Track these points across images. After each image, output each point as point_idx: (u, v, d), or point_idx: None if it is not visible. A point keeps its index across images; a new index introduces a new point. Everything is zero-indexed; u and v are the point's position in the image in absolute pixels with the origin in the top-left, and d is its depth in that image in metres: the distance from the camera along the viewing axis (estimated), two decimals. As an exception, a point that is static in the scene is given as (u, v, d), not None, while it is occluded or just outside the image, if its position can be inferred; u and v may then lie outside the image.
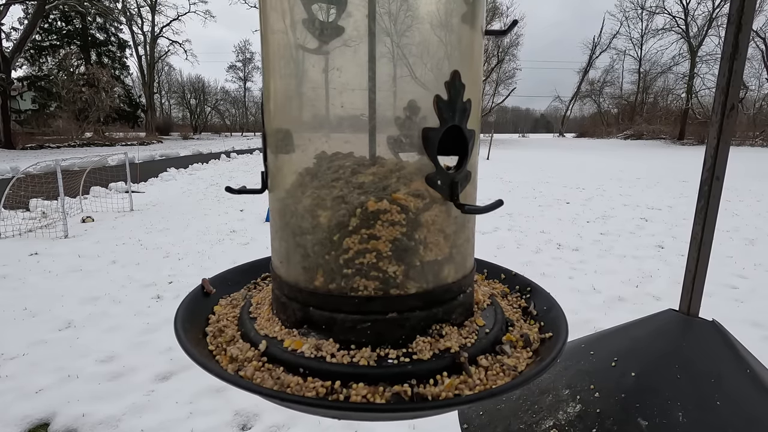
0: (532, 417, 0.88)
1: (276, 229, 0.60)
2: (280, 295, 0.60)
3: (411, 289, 0.55)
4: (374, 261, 0.53)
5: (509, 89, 45.45)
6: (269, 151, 0.60)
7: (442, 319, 0.57)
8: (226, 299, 0.71)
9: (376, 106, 0.51)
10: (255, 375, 0.52)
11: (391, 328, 0.54)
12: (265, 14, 0.56)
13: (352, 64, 0.51)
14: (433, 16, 0.52)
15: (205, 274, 2.40)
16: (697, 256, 0.92)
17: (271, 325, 0.59)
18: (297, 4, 0.52)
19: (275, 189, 0.60)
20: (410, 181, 0.53)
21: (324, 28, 0.51)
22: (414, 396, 0.48)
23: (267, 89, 0.58)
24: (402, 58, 0.51)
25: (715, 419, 0.77)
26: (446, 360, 0.53)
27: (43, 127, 34.88)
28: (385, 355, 0.53)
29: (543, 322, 0.66)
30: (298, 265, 0.57)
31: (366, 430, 2.70)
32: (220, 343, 0.60)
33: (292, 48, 0.54)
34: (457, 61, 0.54)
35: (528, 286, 0.75)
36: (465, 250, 0.60)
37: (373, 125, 0.52)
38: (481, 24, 0.57)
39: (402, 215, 0.53)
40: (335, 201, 0.53)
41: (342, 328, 0.54)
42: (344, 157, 0.54)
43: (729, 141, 0.85)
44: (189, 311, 0.64)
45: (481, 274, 0.81)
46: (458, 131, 0.54)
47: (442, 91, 0.52)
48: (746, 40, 0.82)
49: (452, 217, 0.56)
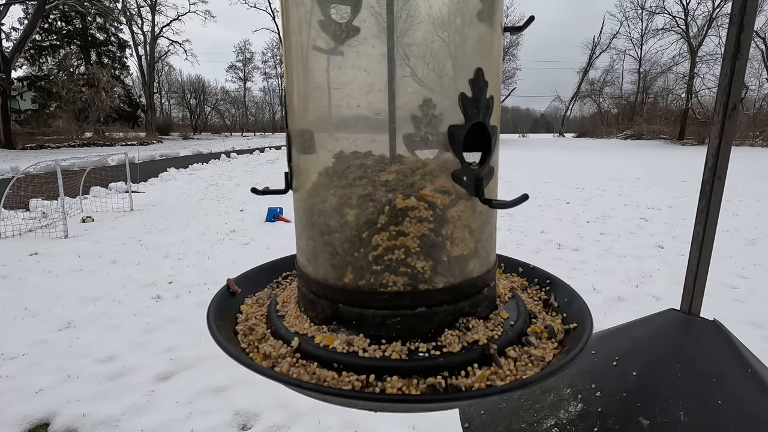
0: (533, 416, 0.88)
1: (302, 228, 0.61)
2: (307, 293, 0.61)
3: (439, 283, 0.56)
4: (403, 257, 0.54)
5: (509, 89, 45.54)
6: (294, 151, 0.61)
7: (469, 312, 0.59)
8: (252, 298, 0.72)
9: (395, 106, 0.52)
10: (291, 371, 0.52)
11: (420, 322, 0.55)
12: (287, 14, 0.56)
13: (372, 64, 0.51)
14: (454, 14, 0.53)
15: (206, 274, 2.40)
16: (699, 256, 0.92)
17: (300, 323, 0.60)
18: (315, 5, 0.53)
19: (300, 189, 0.61)
20: (435, 178, 0.54)
21: (343, 29, 0.51)
22: (448, 387, 0.49)
23: (290, 90, 0.59)
24: (423, 57, 0.52)
25: (716, 419, 0.77)
26: (476, 352, 0.54)
27: (43, 127, 34.89)
28: (415, 348, 0.54)
29: (565, 313, 0.67)
30: (327, 263, 0.58)
31: (366, 429, 2.70)
32: (251, 341, 0.60)
33: (313, 49, 0.54)
34: (479, 58, 0.55)
35: (547, 278, 0.76)
36: (489, 245, 0.61)
37: (393, 125, 0.53)
38: (499, 20, 0.58)
39: (429, 212, 0.54)
40: (362, 199, 0.54)
41: (372, 324, 0.55)
42: (363, 156, 0.55)
43: (731, 141, 0.85)
44: (219, 310, 0.65)
45: (498, 268, 0.81)
46: (482, 128, 0.55)
47: (466, 89, 0.53)
48: (748, 40, 0.82)
49: (477, 212, 0.57)
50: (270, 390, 2.97)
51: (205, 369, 3.32)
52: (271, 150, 31.05)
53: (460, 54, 0.53)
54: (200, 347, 3.57)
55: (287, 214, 8.23)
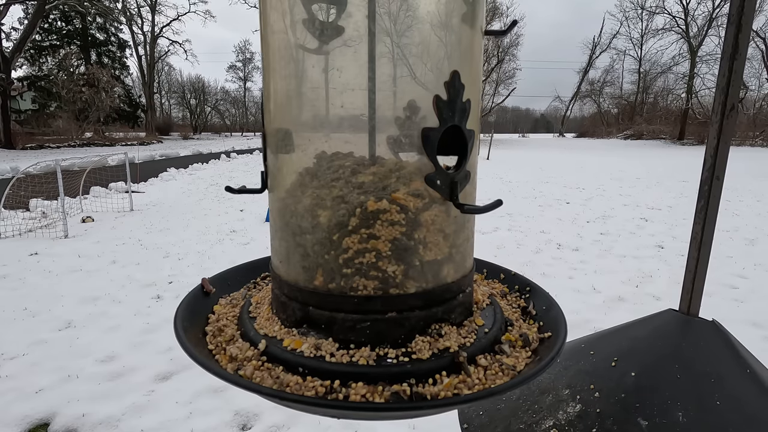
0: (532, 417, 0.88)
1: (276, 228, 0.60)
2: (279, 295, 0.60)
3: (410, 288, 0.55)
4: (374, 260, 0.53)
5: (509, 89, 45.50)
6: (269, 151, 0.60)
7: (442, 318, 0.58)
8: (226, 299, 0.72)
9: (375, 106, 0.51)
10: (254, 374, 0.52)
11: (390, 327, 0.54)
12: (265, 14, 0.56)
13: (352, 64, 0.51)
14: (433, 16, 0.52)
15: (205, 274, 2.38)
16: (697, 256, 0.92)
17: (271, 325, 0.59)
18: (297, 4, 0.52)
19: (275, 189, 0.60)
20: (410, 181, 0.53)
21: (324, 28, 0.51)
22: (413, 395, 0.48)
23: (267, 89, 0.58)
24: (402, 58, 0.51)
25: (715, 419, 0.77)
26: (445, 359, 0.53)
27: (43, 127, 34.88)
28: (384, 354, 0.53)
29: (542, 321, 0.66)
30: (298, 265, 0.57)
31: (366, 429, 2.70)
32: (219, 342, 0.60)
33: (292, 48, 0.54)
34: (456, 61, 0.54)
35: (527, 285, 0.75)
36: (464, 250, 0.60)
37: (373, 125, 0.52)
38: (480, 24, 0.57)
39: (401, 215, 0.53)
40: (335, 201, 0.53)
41: (341, 328, 0.54)
42: (344, 157, 0.54)
43: (729, 141, 0.85)
44: (189, 310, 0.64)
45: (480, 273, 0.81)
46: (458, 131, 0.54)
47: (441, 91, 0.52)
48: (746, 40, 0.82)
49: (452, 216, 0.57)
50: (270, 390, 2.97)
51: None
52: (271, 150, 30.96)
53: (438, 56, 0.53)
54: (200, 347, 3.57)
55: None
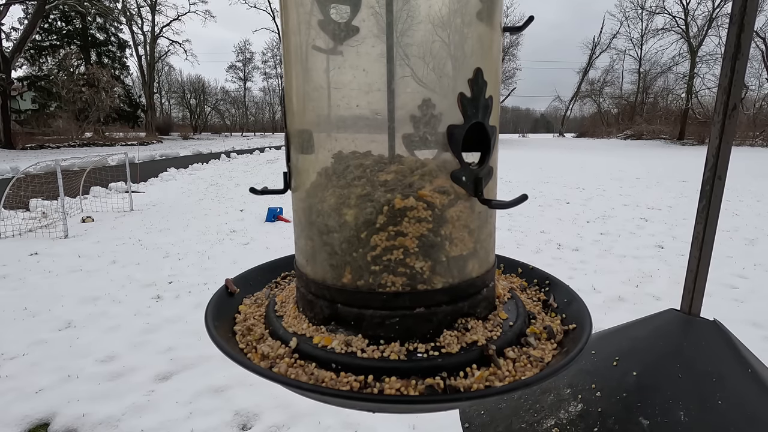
0: (533, 416, 0.88)
1: (301, 228, 0.61)
2: (306, 293, 0.61)
3: (437, 284, 0.55)
4: (401, 257, 0.54)
5: (509, 89, 45.55)
6: (293, 151, 0.61)
7: (468, 313, 0.58)
8: (250, 298, 0.72)
9: (395, 106, 0.52)
10: (289, 371, 0.52)
11: (419, 322, 0.55)
12: (287, 15, 0.56)
13: (372, 64, 0.51)
14: (453, 14, 0.52)
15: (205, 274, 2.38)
16: (699, 256, 0.92)
17: (299, 323, 0.60)
18: (316, 5, 0.53)
19: (299, 189, 0.61)
20: (434, 178, 0.54)
21: (342, 29, 0.51)
22: (446, 388, 0.49)
23: (289, 89, 0.59)
24: (423, 57, 0.52)
25: (716, 418, 0.77)
26: (474, 353, 0.54)
27: (43, 127, 34.87)
28: (414, 349, 0.54)
29: (564, 314, 0.66)
30: (325, 263, 0.58)
31: (366, 429, 2.70)
32: (249, 341, 0.60)
33: (312, 49, 0.54)
34: (479, 58, 0.55)
35: (546, 279, 0.76)
36: (488, 245, 0.61)
37: (392, 125, 0.53)
38: (499, 20, 0.58)
39: (428, 212, 0.54)
40: (361, 199, 0.54)
41: (371, 324, 0.55)
42: (362, 156, 0.54)
43: (731, 140, 0.85)
44: (217, 310, 0.65)
45: (497, 268, 0.81)
46: (480, 128, 0.55)
47: (465, 89, 0.53)
48: (748, 40, 0.82)
49: (476, 212, 0.57)
50: (270, 390, 2.97)
51: (205, 369, 3.31)
52: (271, 150, 31.04)
53: (459, 54, 0.53)
54: (200, 347, 3.57)
55: (287, 214, 8.23)
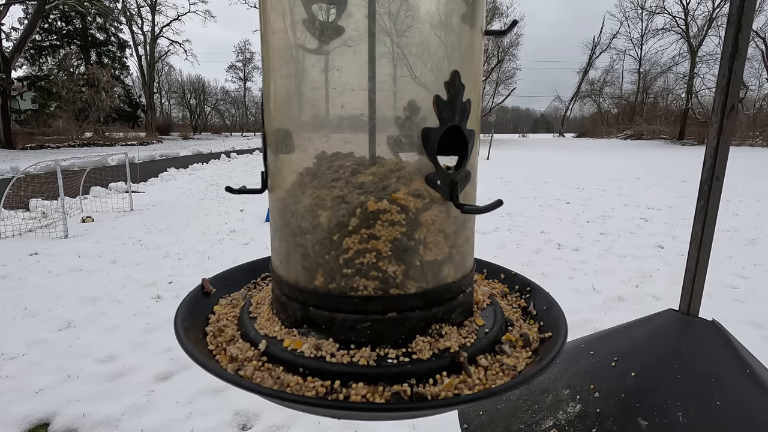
0: (532, 417, 0.88)
1: (276, 228, 0.60)
2: (279, 295, 0.60)
3: (411, 288, 0.55)
4: (374, 261, 0.53)
5: (509, 89, 45.51)
6: (269, 151, 0.60)
7: (442, 318, 0.58)
8: (226, 299, 0.72)
9: (376, 107, 0.51)
10: (255, 374, 0.52)
11: (390, 327, 0.54)
12: (266, 14, 0.56)
13: (352, 64, 0.51)
14: (433, 16, 0.52)
15: (205, 274, 2.37)
16: (697, 256, 0.92)
17: (271, 325, 0.59)
18: (297, 5, 0.52)
19: (275, 189, 0.60)
20: (410, 181, 0.53)
21: (324, 29, 0.51)
22: (413, 395, 0.48)
23: (267, 89, 0.58)
24: (402, 58, 0.51)
25: (715, 419, 0.77)
26: (446, 360, 0.53)
27: (43, 127, 34.87)
28: (384, 354, 0.53)
29: (543, 321, 0.66)
30: (298, 265, 0.57)
31: (366, 429, 2.70)
32: (219, 342, 0.60)
33: (292, 48, 0.54)
34: (456, 61, 0.54)
35: (527, 285, 0.75)
36: (465, 250, 0.60)
37: (373, 125, 0.52)
38: (481, 24, 0.57)
39: (402, 215, 0.53)
40: (335, 201, 0.53)
41: (342, 328, 0.54)
42: (344, 157, 0.54)
43: (729, 141, 0.85)
44: (189, 311, 0.64)
45: (480, 273, 0.81)
46: (458, 131, 0.54)
47: (441, 92, 0.52)
48: (746, 40, 0.82)
49: (452, 217, 0.57)
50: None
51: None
52: (271, 150, 30.97)
53: (438, 55, 0.53)
54: (200, 347, 3.57)
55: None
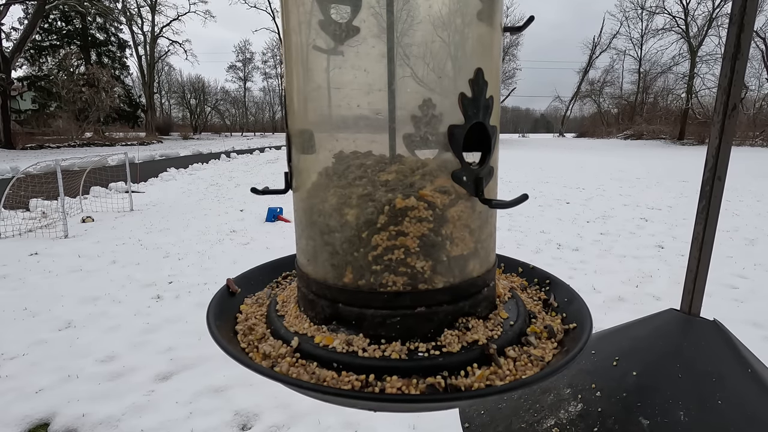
0: (533, 416, 0.88)
1: (302, 228, 0.61)
2: (307, 293, 0.61)
3: (438, 283, 0.56)
4: (402, 257, 0.54)
5: (509, 89, 45.55)
6: (294, 151, 0.61)
7: (469, 312, 0.59)
8: (251, 298, 0.72)
9: (395, 106, 0.52)
10: (290, 370, 0.53)
11: (420, 322, 0.55)
12: (287, 15, 0.56)
13: (372, 64, 0.51)
14: (453, 15, 0.53)
15: (205, 274, 2.39)
16: (698, 256, 0.92)
17: (300, 322, 0.60)
18: (316, 6, 0.53)
19: (300, 189, 0.61)
20: (435, 178, 0.54)
21: (343, 29, 0.51)
22: (447, 387, 0.49)
23: (290, 90, 0.59)
24: (424, 57, 0.52)
25: (716, 418, 0.77)
26: (475, 352, 0.54)
27: (43, 127, 34.87)
28: (415, 348, 0.54)
29: (564, 313, 0.67)
30: (326, 263, 0.58)
31: (366, 429, 2.70)
32: (251, 340, 0.60)
33: (313, 49, 0.54)
34: (479, 58, 0.55)
35: (547, 278, 0.76)
36: (488, 245, 0.61)
37: (393, 125, 0.53)
38: (499, 21, 0.58)
39: (429, 212, 0.54)
40: (362, 199, 0.54)
41: (372, 324, 0.55)
42: (363, 156, 0.55)
43: (731, 141, 0.85)
44: (219, 310, 0.65)
45: (498, 268, 0.81)
46: (481, 128, 0.55)
47: (466, 89, 0.53)
48: (748, 40, 0.82)
49: (477, 212, 0.57)
50: (270, 390, 2.97)
51: (205, 369, 3.31)
52: (271, 150, 31.04)
53: (459, 54, 0.54)
54: (200, 347, 3.57)
55: (287, 214, 8.23)
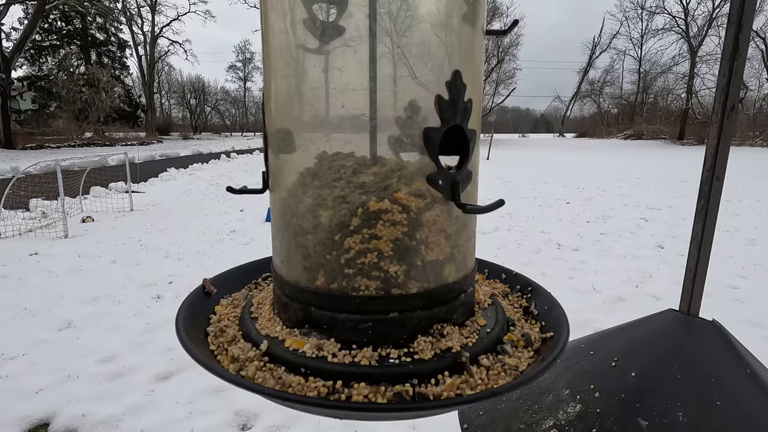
0: (532, 417, 0.88)
1: (277, 229, 0.60)
2: (281, 295, 0.60)
3: (412, 288, 0.55)
4: (376, 261, 0.53)
5: (509, 89, 45.49)
6: (270, 151, 0.60)
7: (444, 318, 0.58)
8: (228, 299, 0.71)
9: (377, 106, 0.51)
10: (257, 375, 0.52)
11: (392, 327, 0.54)
12: (266, 14, 0.56)
13: (353, 64, 0.51)
14: (433, 16, 0.52)
15: (205, 274, 2.37)
16: (698, 256, 0.92)
17: (273, 325, 0.59)
18: (297, 5, 0.52)
19: (276, 189, 0.60)
20: (411, 181, 0.53)
21: (325, 29, 0.51)
22: (415, 396, 0.48)
23: (268, 89, 0.58)
24: (403, 58, 0.51)
25: (715, 419, 0.77)
26: (448, 360, 0.53)
27: (43, 127, 34.87)
28: (386, 354, 0.53)
29: (544, 321, 0.66)
30: (300, 265, 0.57)
31: (366, 430, 2.70)
32: (221, 343, 0.59)
33: (293, 48, 0.54)
34: (458, 61, 0.54)
35: (529, 285, 0.75)
36: (466, 250, 0.60)
37: (374, 125, 0.52)
38: (481, 24, 0.57)
39: (403, 215, 0.53)
40: (336, 201, 0.53)
41: (343, 328, 0.54)
42: (345, 157, 0.54)
43: (729, 141, 0.85)
44: (190, 311, 0.64)
45: (481, 273, 0.81)
46: (459, 131, 0.55)
47: (443, 91, 0.52)
48: (746, 40, 0.82)
49: (453, 216, 0.57)
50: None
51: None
52: (271, 150, 30.99)
53: (439, 55, 0.53)
54: (200, 347, 3.57)
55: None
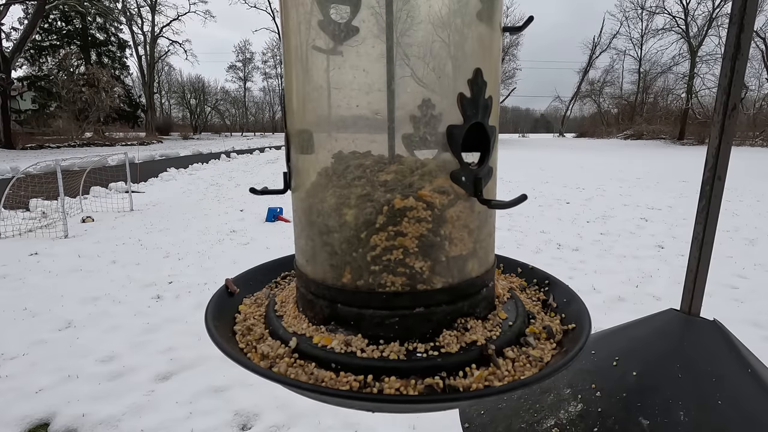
0: (533, 416, 0.88)
1: (301, 228, 0.61)
2: (306, 293, 0.61)
3: (437, 284, 0.56)
4: (401, 257, 0.54)
5: (509, 89, 45.55)
6: (293, 152, 0.61)
7: (467, 312, 0.59)
8: (250, 298, 0.72)
9: (395, 106, 0.52)
10: (288, 371, 0.52)
11: (418, 322, 0.55)
12: (286, 15, 0.56)
13: (371, 64, 0.51)
14: (454, 14, 0.53)
15: (205, 274, 2.39)
16: (699, 256, 0.92)
17: (299, 323, 0.60)
18: (315, 5, 0.53)
19: (299, 189, 0.61)
20: (434, 178, 0.54)
21: (342, 29, 0.51)
22: (446, 388, 0.49)
23: (289, 90, 0.59)
24: (423, 57, 0.52)
25: (716, 419, 0.77)
26: (474, 352, 0.54)
27: (43, 127, 34.87)
28: (413, 349, 0.54)
29: (563, 314, 0.67)
30: (325, 263, 0.58)
31: (366, 429, 2.70)
32: (249, 341, 0.60)
33: (312, 49, 0.54)
34: (478, 58, 0.55)
35: (546, 279, 0.76)
36: (487, 245, 0.61)
37: (392, 124, 0.53)
38: (498, 20, 0.58)
39: (428, 212, 0.54)
40: (361, 199, 0.54)
41: (370, 324, 0.55)
42: (362, 156, 0.55)
43: (731, 141, 0.85)
44: (217, 310, 0.65)
45: (497, 268, 0.81)
46: (480, 128, 0.55)
47: (465, 89, 0.53)
48: (748, 40, 0.82)
49: (476, 212, 0.57)
50: (270, 390, 2.97)
51: (205, 369, 3.32)
52: (271, 150, 31.06)
53: (459, 54, 0.53)
54: (200, 347, 3.57)
55: (287, 214, 8.23)
